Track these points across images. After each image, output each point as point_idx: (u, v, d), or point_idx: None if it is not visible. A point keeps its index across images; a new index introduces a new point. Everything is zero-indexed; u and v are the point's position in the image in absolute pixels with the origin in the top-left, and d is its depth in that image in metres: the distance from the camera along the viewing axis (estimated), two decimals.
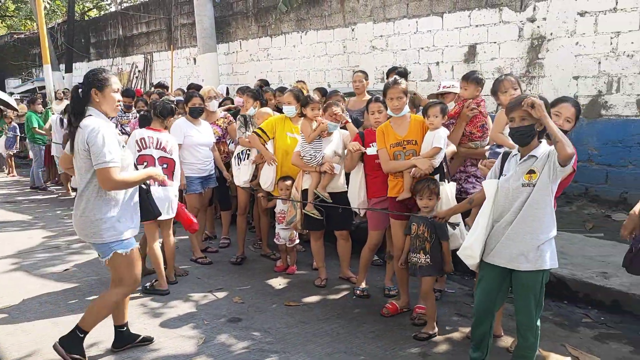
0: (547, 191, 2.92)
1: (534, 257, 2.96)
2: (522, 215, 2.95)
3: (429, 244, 3.80)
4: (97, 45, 19.07)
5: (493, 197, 3.08)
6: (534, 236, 2.95)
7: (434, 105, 4.07)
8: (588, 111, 6.79)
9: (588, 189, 6.87)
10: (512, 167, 3.04)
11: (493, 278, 3.13)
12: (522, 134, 2.93)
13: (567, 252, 5.11)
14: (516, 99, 3.05)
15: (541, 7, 7.13)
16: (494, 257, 3.09)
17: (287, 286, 4.95)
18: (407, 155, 4.11)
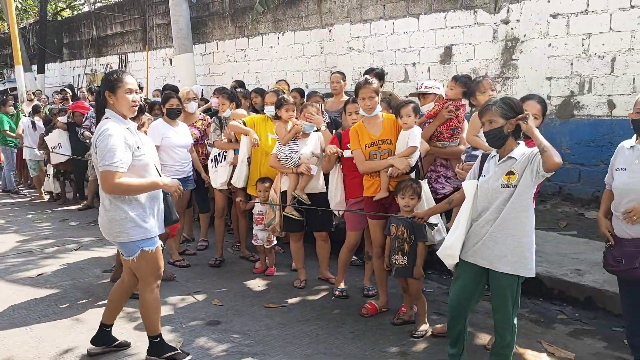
0: (528, 194, 2.97)
1: (514, 260, 2.99)
2: (503, 217, 2.98)
3: (407, 245, 3.83)
4: (71, 46, 18.74)
5: (472, 197, 3.11)
6: (516, 239, 2.98)
7: (406, 104, 4.09)
8: (561, 111, 6.92)
9: (562, 187, 6.99)
10: (492, 168, 3.07)
11: (470, 277, 3.16)
12: (493, 136, 2.99)
13: (542, 250, 5.18)
14: (484, 104, 3.09)
15: (515, 9, 7.24)
16: (474, 256, 3.11)
17: (266, 288, 4.93)
18: (382, 155, 4.14)
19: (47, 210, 8.46)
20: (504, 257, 2.99)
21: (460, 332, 3.29)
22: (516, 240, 2.98)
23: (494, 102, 3.00)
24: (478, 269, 3.11)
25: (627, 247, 3.10)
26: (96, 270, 5.40)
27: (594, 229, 5.83)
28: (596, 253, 4.99)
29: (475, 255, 3.10)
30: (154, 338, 3.51)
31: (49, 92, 16.24)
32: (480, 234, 3.06)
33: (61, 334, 3.98)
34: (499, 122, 2.94)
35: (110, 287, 4.30)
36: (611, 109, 6.50)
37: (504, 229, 2.98)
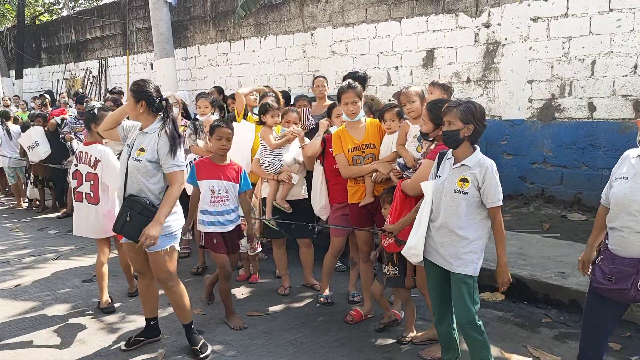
0: (477, 204, 3.03)
1: (465, 261, 3.04)
2: (455, 221, 3.04)
3: (396, 256, 3.78)
4: (49, 51, 18.47)
5: (431, 197, 3.18)
6: (466, 243, 3.04)
7: (390, 109, 4.06)
8: (542, 114, 6.96)
9: (544, 190, 7.03)
10: (447, 169, 3.12)
11: (437, 275, 3.22)
12: (449, 137, 3.05)
13: (526, 253, 5.20)
14: (448, 105, 3.11)
15: (495, 12, 7.28)
16: (434, 256, 3.18)
17: (250, 295, 4.86)
18: (366, 160, 4.10)
19: (26, 218, 8.28)
20: (455, 257, 3.06)
21: (448, 335, 3.30)
22: (467, 244, 3.04)
23: (457, 105, 3.04)
24: (441, 268, 3.16)
25: (621, 265, 2.73)
26: (75, 280, 5.28)
27: (577, 231, 5.90)
28: (579, 255, 5.00)
29: (435, 256, 3.17)
30: (189, 326, 3.77)
31: (28, 97, 15.98)
32: (437, 235, 3.14)
33: (39, 347, 3.87)
34: (457, 125, 3.00)
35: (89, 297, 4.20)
36: (592, 112, 6.55)
37: (453, 233, 3.05)
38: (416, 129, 3.91)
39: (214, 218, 4.11)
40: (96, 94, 15.55)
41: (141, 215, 3.41)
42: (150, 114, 3.52)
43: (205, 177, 4.09)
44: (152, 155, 3.44)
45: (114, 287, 5.04)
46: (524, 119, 7.13)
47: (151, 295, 3.87)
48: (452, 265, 3.08)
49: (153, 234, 3.35)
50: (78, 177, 4.46)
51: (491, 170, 2.98)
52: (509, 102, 7.26)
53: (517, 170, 7.19)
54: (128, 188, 3.51)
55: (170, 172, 3.45)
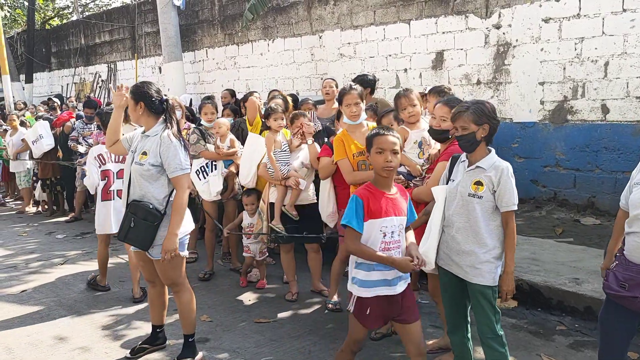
0: (492, 208, 2.93)
1: (483, 271, 2.94)
2: (472, 226, 2.95)
3: None
4: (59, 55, 18.56)
5: (443, 203, 3.08)
6: (483, 251, 2.94)
7: (387, 113, 3.98)
8: (554, 116, 6.84)
9: (557, 193, 6.91)
10: (460, 173, 3.03)
11: (454, 284, 3.11)
12: (465, 142, 2.94)
13: (539, 258, 5.09)
14: (456, 110, 3.01)
15: (506, 13, 7.17)
16: (449, 265, 3.08)
17: (257, 302, 4.79)
18: (371, 165, 4.01)
19: (34, 222, 8.27)
20: (473, 267, 2.95)
21: (463, 344, 3.20)
22: (486, 252, 2.94)
23: (467, 108, 2.95)
24: (456, 276, 3.06)
25: (634, 272, 2.64)
26: (81, 285, 5.23)
27: (591, 235, 5.78)
28: (594, 261, 4.90)
29: (450, 264, 3.07)
30: (190, 338, 3.64)
31: (38, 101, 16.04)
32: (452, 242, 3.04)
33: (43, 355, 3.82)
34: (472, 127, 2.91)
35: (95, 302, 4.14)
36: (605, 114, 6.43)
37: (471, 240, 2.95)
38: (416, 135, 3.81)
39: (381, 275, 2.82)
40: (105, 97, 15.58)
41: (145, 220, 3.34)
42: (150, 116, 3.46)
43: (375, 215, 2.81)
44: (155, 159, 3.36)
45: (120, 293, 5.00)
46: (536, 122, 7.01)
47: (160, 303, 3.81)
48: (469, 275, 2.98)
49: (171, 247, 3.31)
50: (109, 176, 4.86)
51: (507, 173, 2.89)
52: (520, 104, 7.14)
53: (528, 173, 7.07)
54: (131, 194, 3.45)
55: (175, 176, 3.37)
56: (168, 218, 3.40)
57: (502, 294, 2.98)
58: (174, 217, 3.34)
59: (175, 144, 3.37)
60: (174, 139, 3.38)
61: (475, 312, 3.05)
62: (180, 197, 3.37)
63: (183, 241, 3.51)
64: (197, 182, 5.33)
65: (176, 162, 3.34)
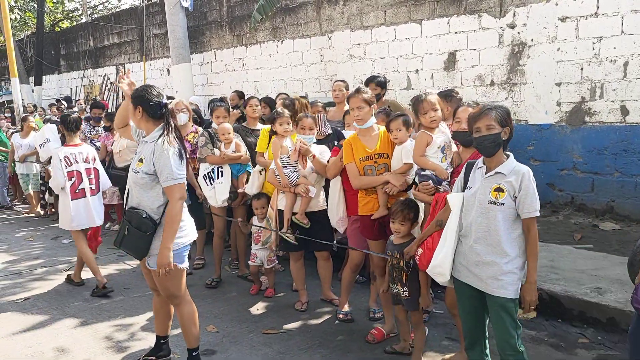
0: (514, 216, 2.78)
1: (505, 282, 2.78)
2: (491, 237, 2.79)
3: (405, 275, 3.50)
4: (68, 57, 18.56)
5: (459, 211, 2.93)
6: (505, 261, 2.78)
7: (396, 118, 3.80)
8: (572, 118, 6.64)
9: (574, 197, 6.70)
10: (478, 179, 2.88)
11: (470, 296, 2.96)
12: (490, 142, 2.79)
13: (558, 266, 4.90)
14: (482, 109, 2.86)
15: (521, 12, 6.98)
16: (467, 277, 2.92)
17: (265, 311, 4.63)
18: (379, 170, 3.87)
19: (40, 227, 8.18)
20: (494, 278, 2.79)
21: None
22: (507, 263, 2.78)
23: (491, 107, 2.83)
24: (474, 289, 2.90)
25: None
26: (86, 293, 5.10)
27: (611, 241, 5.58)
28: (616, 269, 4.71)
29: (468, 276, 2.91)
30: (194, 352, 3.48)
31: (47, 104, 16.03)
32: (470, 253, 2.88)
33: None
34: (497, 128, 2.77)
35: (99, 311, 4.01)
36: (624, 115, 6.21)
37: (491, 251, 2.80)
38: (440, 140, 3.65)
39: None
40: (114, 100, 15.53)
41: (138, 229, 3.20)
42: (149, 121, 3.29)
43: None
44: (149, 167, 3.20)
45: (124, 301, 4.87)
46: (552, 123, 6.81)
47: (164, 313, 3.66)
48: (489, 287, 2.81)
49: (164, 262, 3.15)
50: (77, 176, 5.06)
51: (528, 177, 2.74)
52: (535, 105, 6.94)
53: (545, 176, 6.86)
54: (130, 200, 3.32)
55: (167, 185, 3.18)
56: (162, 228, 3.24)
57: (525, 305, 2.81)
58: (166, 229, 3.17)
59: (168, 152, 3.18)
60: (168, 147, 3.19)
61: (495, 326, 2.88)
62: (173, 208, 3.18)
63: (182, 253, 3.33)
64: (204, 187, 5.20)
65: (167, 171, 3.16)
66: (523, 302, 2.80)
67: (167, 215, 3.19)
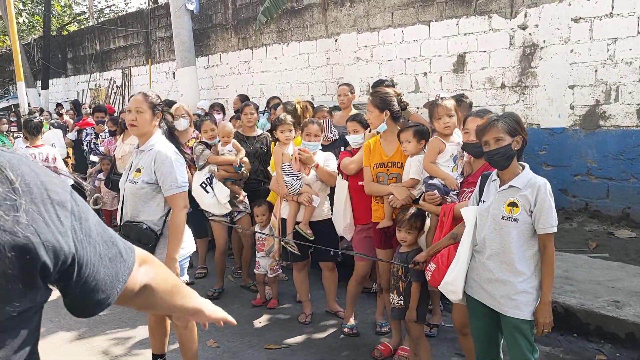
0: (530, 232, 2.60)
1: (520, 303, 2.61)
2: (505, 254, 2.62)
3: (403, 284, 3.36)
4: (75, 61, 18.53)
5: (473, 226, 2.75)
6: (520, 280, 2.60)
7: (407, 129, 3.60)
8: (585, 122, 6.43)
9: (588, 204, 6.49)
10: (492, 193, 2.70)
11: (483, 314, 2.78)
12: (501, 156, 2.59)
13: (573, 276, 4.70)
14: (487, 121, 2.67)
15: (533, 13, 6.78)
16: (479, 294, 2.75)
17: (268, 324, 4.46)
18: (390, 179, 3.69)
19: None
20: (508, 297, 2.62)
21: None
22: (522, 282, 2.60)
23: (497, 118, 2.63)
24: (487, 307, 2.73)
25: None
26: None
27: (628, 250, 5.36)
28: (634, 280, 4.51)
29: (480, 293, 2.75)
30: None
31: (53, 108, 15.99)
32: (483, 270, 2.71)
33: None
34: (507, 139, 2.58)
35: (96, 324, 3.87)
36: None
37: (507, 267, 2.62)
38: (452, 148, 3.48)
39: None
40: (120, 103, 15.45)
41: (139, 242, 3.04)
42: (154, 128, 3.17)
43: None
44: (150, 177, 3.06)
45: (124, 313, 4.72)
46: (565, 127, 6.60)
47: (161, 330, 3.50)
48: (503, 307, 2.64)
49: None
50: None
51: (544, 191, 2.55)
52: (548, 109, 6.74)
53: (557, 182, 6.65)
54: (124, 214, 3.17)
55: (170, 194, 3.06)
56: (165, 239, 3.12)
57: (538, 327, 2.63)
58: (171, 240, 3.05)
59: (172, 159, 3.06)
60: (171, 154, 3.08)
61: (509, 348, 2.71)
62: (177, 217, 3.07)
63: (182, 265, 3.21)
64: (203, 196, 4.99)
65: (172, 179, 3.04)
66: (536, 324, 2.62)
67: (171, 225, 3.08)
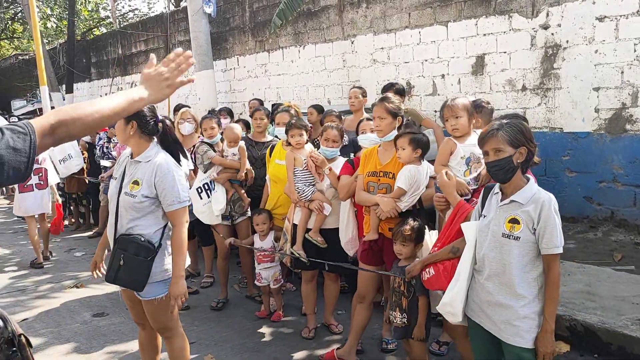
0: (533, 252, 2.38)
1: (520, 329, 2.39)
2: (505, 275, 2.40)
3: (405, 300, 3.16)
4: (98, 65, 18.72)
5: (474, 243, 2.53)
6: (521, 304, 2.39)
7: (404, 135, 3.39)
8: (611, 126, 6.10)
9: (614, 212, 6.14)
10: (493, 208, 2.48)
11: (483, 338, 2.58)
12: (500, 169, 2.37)
13: (595, 291, 4.40)
14: (487, 130, 2.44)
15: (555, 12, 6.47)
16: (479, 317, 2.54)
17: (271, 338, 4.28)
18: (380, 189, 3.49)
19: (57, 238, 8.06)
20: (509, 323, 2.41)
21: None
22: (524, 306, 2.38)
23: (499, 127, 2.40)
24: (488, 332, 2.51)
25: None
26: (86, 314, 4.87)
27: None
28: None
29: (480, 316, 2.54)
30: None
31: None
32: (482, 291, 2.50)
33: None
34: (507, 150, 2.35)
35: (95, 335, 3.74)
36: None
37: (507, 290, 2.41)
38: (465, 150, 3.26)
39: None
40: None
41: (137, 256, 2.89)
42: (142, 138, 2.99)
43: None
44: (150, 190, 2.91)
45: (124, 324, 4.60)
46: (590, 132, 6.28)
47: (152, 348, 3.35)
48: (503, 334, 2.42)
49: (179, 292, 2.89)
50: None
51: (549, 207, 2.32)
52: (571, 112, 6.42)
53: (581, 189, 6.33)
54: (119, 227, 3.01)
55: (171, 210, 2.91)
56: (162, 251, 2.97)
57: (539, 358, 2.39)
58: (175, 258, 2.91)
59: (174, 172, 2.91)
60: (172, 167, 2.93)
61: None
62: (180, 233, 2.93)
63: None
64: (197, 201, 4.83)
65: (174, 194, 2.89)
66: (537, 354, 2.39)
67: (175, 242, 2.94)
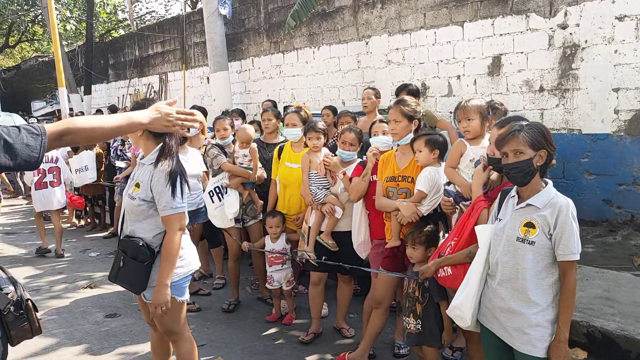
0: (549, 258, 2.29)
1: (533, 338, 2.31)
2: (518, 281, 2.33)
3: (420, 306, 3.09)
4: (116, 67, 18.91)
5: (487, 246, 2.46)
6: (534, 312, 2.31)
7: (419, 137, 3.32)
8: (631, 127, 5.95)
9: (634, 216, 6.00)
10: (509, 211, 2.41)
11: (495, 346, 2.50)
12: (520, 171, 2.29)
13: (615, 297, 4.29)
14: (507, 131, 2.36)
15: (573, 11, 6.35)
16: (491, 323, 2.47)
17: (282, 342, 4.23)
18: (399, 194, 3.43)
19: (72, 238, 8.12)
20: (521, 331, 2.33)
21: None
22: (537, 314, 2.30)
23: (520, 128, 2.32)
24: (500, 339, 2.44)
25: None
26: (98, 314, 4.88)
27: None
28: None
29: (492, 322, 2.46)
30: None
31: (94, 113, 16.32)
32: (495, 296, 2.43)
33: None
34: (528, 152, 2.28)
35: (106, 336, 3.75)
36: None
37: (520, 296, 2.33)
38: (475, 152, 3.20)
39: None
40: None
41: (134, 259, 2.87)
42: (150, 140, 2.96)
43: None
44: (146, 194, 2.86)
45: (135, 325, 4.60)
46: (609, 133, 6.14)
47: (163, 349, 3.31)
48: (515, 341, 2.35)
49: (161, 301, 2.79)
50: (42, 173, 6.92)
51: (566, 212, 2.24)
52: (590, 113, 6.29)
53: (601, 192, 6.19)
54: (125, 228, 3.00)
55: (164, 215, 2.84)
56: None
57: None
58: (163, 264, 2.82)
59: (169, 175, 2.86)
60: (168, 171, 2.87)
61: None
62: (171, 240, 2.83)
63: (182, 284, 2.99)
64: (209, 205, 4.81)
65: (166, 199, 2.82)
66: None
67: (165, 249, 2.85)
